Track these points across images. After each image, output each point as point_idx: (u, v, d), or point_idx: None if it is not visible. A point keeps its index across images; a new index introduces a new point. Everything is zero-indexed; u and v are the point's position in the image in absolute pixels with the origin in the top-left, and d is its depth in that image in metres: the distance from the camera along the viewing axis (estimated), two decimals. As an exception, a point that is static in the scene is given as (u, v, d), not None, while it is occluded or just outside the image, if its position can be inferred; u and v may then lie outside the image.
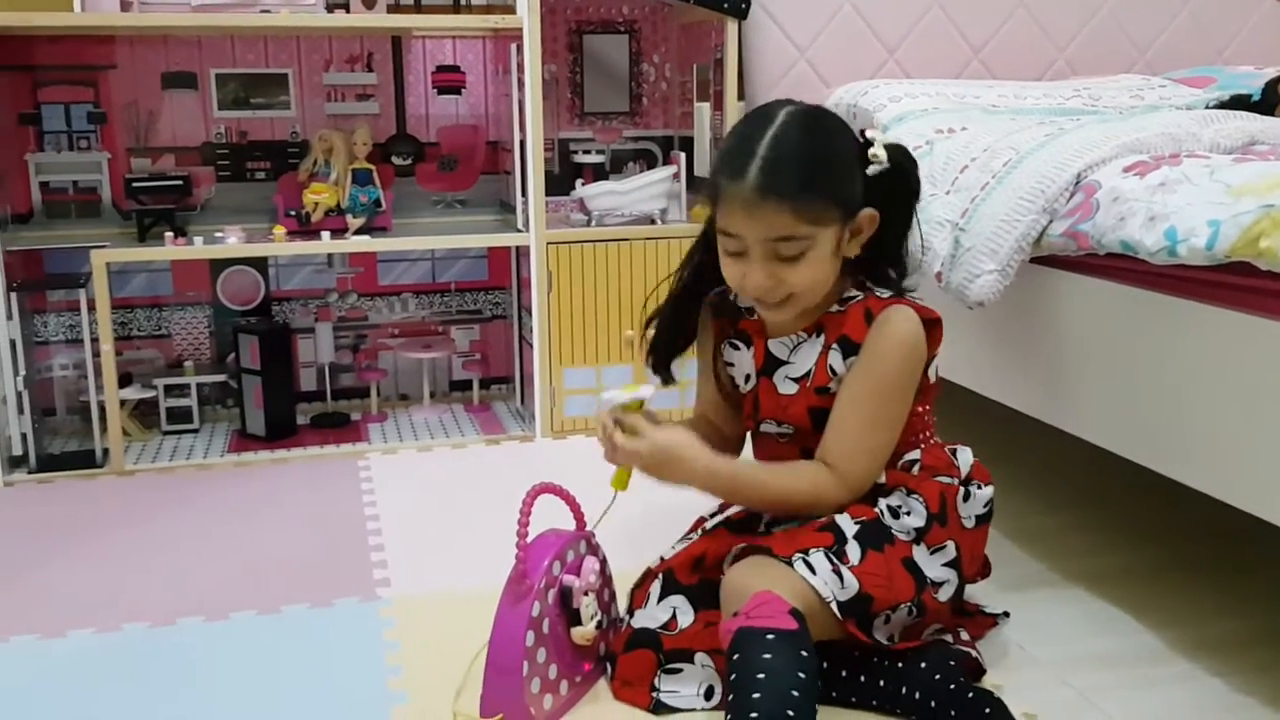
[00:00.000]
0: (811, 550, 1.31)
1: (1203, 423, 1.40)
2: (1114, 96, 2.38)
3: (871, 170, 1.39)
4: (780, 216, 1.31)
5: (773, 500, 1.43)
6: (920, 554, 1.38)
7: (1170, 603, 1.63)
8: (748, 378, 1.51)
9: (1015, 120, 2.01)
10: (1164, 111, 1.97)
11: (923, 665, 1.34)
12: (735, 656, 1.21)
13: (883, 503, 1.41)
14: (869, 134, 1.41)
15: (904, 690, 1.33)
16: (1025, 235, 1.63)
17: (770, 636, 1.20)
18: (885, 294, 1.44)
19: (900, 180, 1.43)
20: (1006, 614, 1.56)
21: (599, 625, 1.38)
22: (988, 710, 1.27)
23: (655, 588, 1.46)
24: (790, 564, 1.29)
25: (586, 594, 1.36)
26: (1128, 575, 1.73)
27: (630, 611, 1.47)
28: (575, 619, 1.35)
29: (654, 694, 1.36)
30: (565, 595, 1.35)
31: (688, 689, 1.36)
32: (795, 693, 1.17)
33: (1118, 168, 1.57)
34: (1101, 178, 1.57)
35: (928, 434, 1.49)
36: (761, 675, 1.17)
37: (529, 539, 1.34)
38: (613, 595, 1.47)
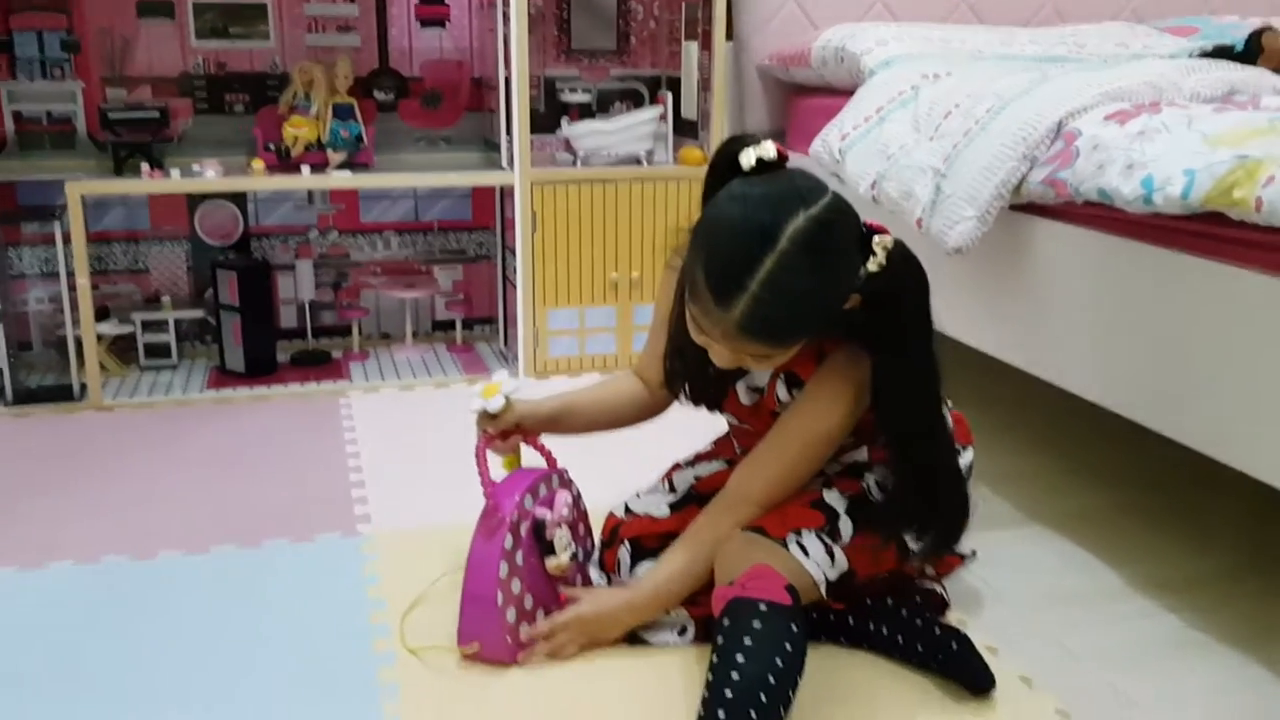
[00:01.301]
0: (804, 531, 1.32)
1: (1175, 370, 1.42)
2: (1099, 44, 2.38)
3: (865, 272, 1.22)
4: (756, 346, 1.20)
5: (704, 570, 1.35)
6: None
7: (1133, 543, 1.67)
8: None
9: (1000, 66, 2.01)
10: (1148, 60, 1.97)
11: (889, 602, 1.37)
12: (725, 623, 1.22)
13: (869, 478, 1.41)
14: (875, 241, 1.21)
15: (871, 626, 1.36)
16: (1005, 182, 1.63)
17: (763, 608, 1.21)
18: (839, 336, 1.32)
19: (893, 281, 1.23)
20: (974, 552, 1.59)
21: (573, 557, 1.41)
22: (954, 645, 1.30)
23: (624, 555, 1.47)
24: (784, 545, 1.30)
25: (560, 526, 1.38)
26: (1093, 517, 1.76)
27: (604, 573, 1.49)
28: (550, 551, 1.38)
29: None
30: (538, 528, 1.37)
31: (661, 633, 1.40)
32: (779, 661, 1.17)
33: (1099, 115, 1.58)
34: (1082, 125, 1.58)
35: None
36: (749, 642, 1.18)
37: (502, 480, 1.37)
38: (588, 529, 1.50)
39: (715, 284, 1.16)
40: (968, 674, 1.29)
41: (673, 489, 1.56)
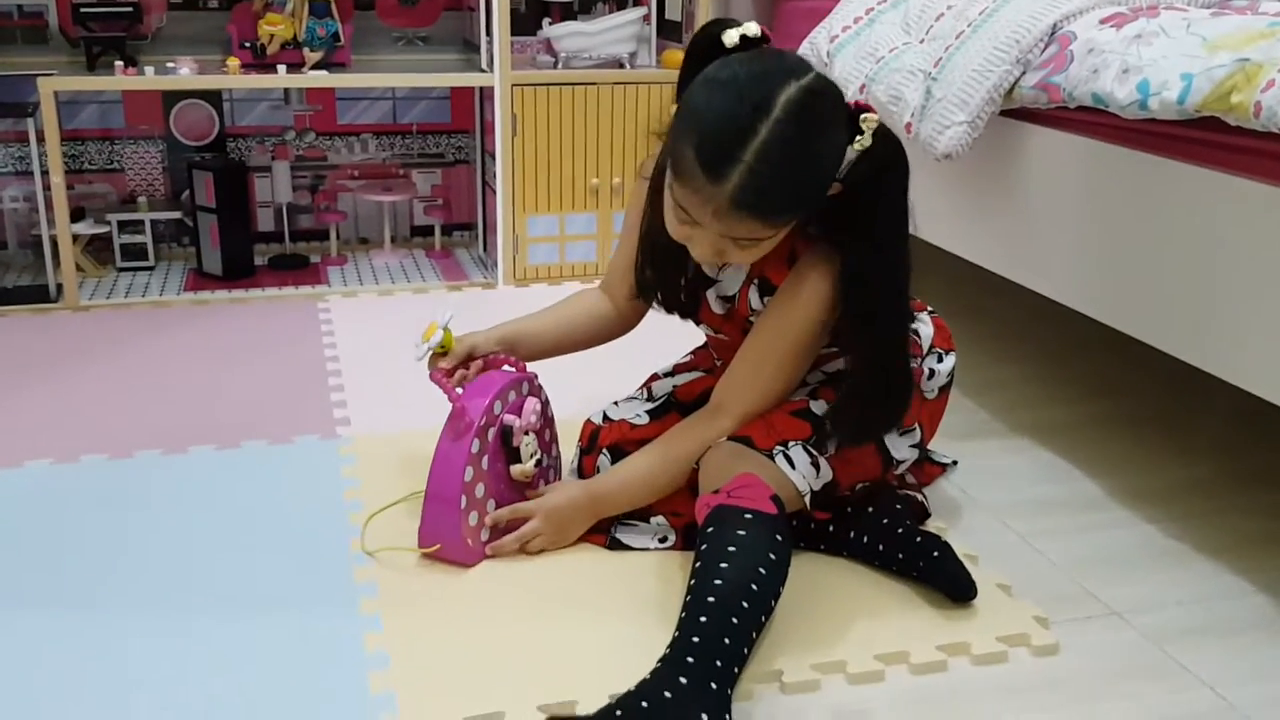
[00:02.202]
0: (791, 443, 1.31)
1: (1167, 280, 1.41)
2: (1096, -51, 2.32)
3: (851, 152, 1.21)
4: (747, 224, 1.18)
5: (671, 477, 1.36)
6: (890, 437, 1.40)
7: (1114, 454, 1.68)
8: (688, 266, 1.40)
9: (995, -32, 1.96)
10: (1146, -36, 1.93)
11: (870, 510, 1.37)
12: (709, 530, 1.21)
13: None
14: (862, 119, 1.19)
15: (852, 534, 1.36)
16: (997, 86, 1.60)
17: (748, 516, 1.21)
18: (812, 233, 1.30)
19: (875, 163, 1.21)
20: (955, 462, 1.60)
21: (538, 463, 1.40)
22: (935, 553, 1.30)
23: (604, 461, 1.46)
24: (771, 457, 1.29)
25: (527, 433, 1.37)
26: (1075, 427, 1.77)
27: (582, 476, 1.48)
28: (516, 457, 1.37)
29: (611, 531, 1.40)
30: (506, 434, 1.36)
31: (642, 538, 1.40)
32: (762, 570, 1.17)
33: (1094, 19, 1.54)
34: (1077, 29, 1.54)
35: None
36: (733, 549, 1.17)
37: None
38: (554, 436, 1.49)
39: (707, 158, 1.14)
40: (949, 581, 1.29)
41: (651, 397, 1.55)
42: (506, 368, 1.44)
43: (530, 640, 1.21)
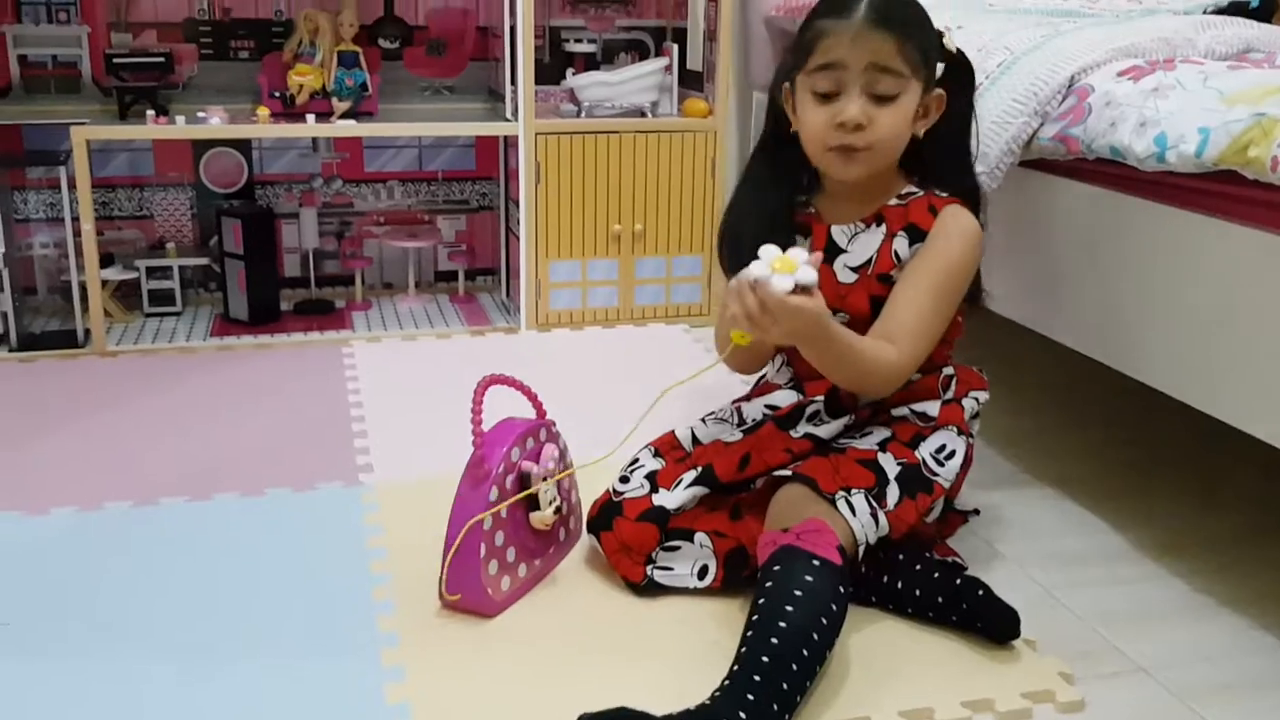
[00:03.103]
0: (854, 490, 1.32)
1: (1185, 331, 1.41)
2: (1114, -1, 2.34)
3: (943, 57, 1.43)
4: (887, 44, 1.34)
5: (852, 371, 1.35)
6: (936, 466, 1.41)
7: (1139, 505, 1.67)
8: None
9: (1012, 20, 1.98)
10: (1161, 15, 1.94)
11: (900, 556, 1.36)
12: (775, 568, 1.21)
13: (924, 449, 1.40)
14: (940, 27, 1.44)
15: (885, 579, 1.36)
16: (1016, 138, 1.61)
17: (816, 562, 1.21)
18: (943, 195, 1.46)
19: (962, 77, 1.47)
20: (976, 511, 1.59)
21: (557, 511, 1.40)
22: (980, 592, 1.30)
23: (689, 476, 1.42)
24: (834, 503, 1.30)
25: (545, 480, 1.38)
26: (1100, 477, 1.76)
27: (655, 486, 1.43)
28: (534, 504, 1.38)
29: (649, 567, 1.38)
30: (524, 481, 1.36)
31: (682, 567, 1.39)
32: (824, 620, 1.17)
33: (1112, 71, 1.55)
34: (1095, 81, 1.55)
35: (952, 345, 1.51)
36: (799, 593, 1.18)
37: (488, 427, 1.36)
38: (573, 482, 1.49)
39: (832, 7, 1.36)
40: (996, 620, 1.28)
41: (742, 421, 1.50)
42: (525, 394, 1.44)
43: (555, 693, 1.20)
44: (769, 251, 1.23)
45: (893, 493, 1.35)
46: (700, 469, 1.43)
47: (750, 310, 1.23)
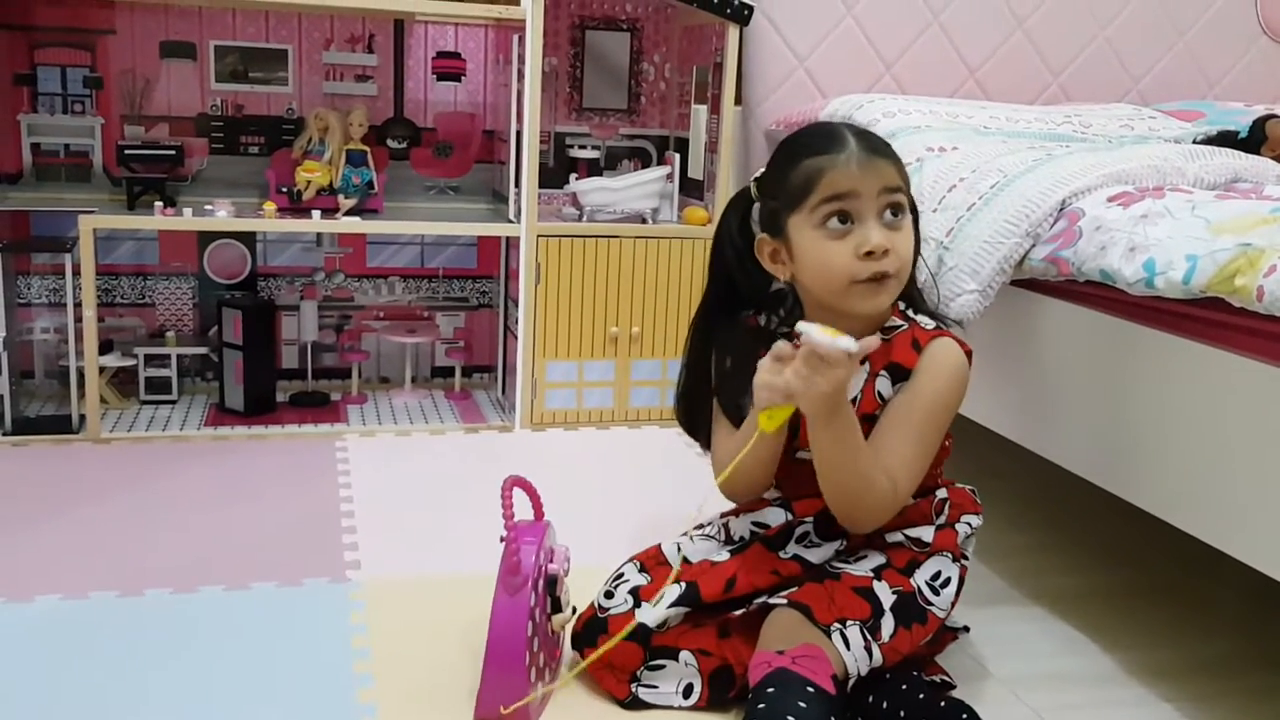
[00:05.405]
0: (849, 622, 1.31)
1: (1172, 455, 1.42)
2: (1104, 124, 2.41)
3: None
4: (888, 167, 1.37)
5: (853, 477, 1.34)
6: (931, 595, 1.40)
7: (1130, 627, 1.66)
8: None
9: (1006, 143, 2.03)
10: (1152, 143, 2.00)
11: (888, 675, 1.34)
12: (769, 690, 1.21)
13: (920, 577, 1.40)
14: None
15: (870, 699, 1.33)
16: (1008, 258, 1.65)
17: (810, 689, 1.21)
18: (929, 324, 1.45)
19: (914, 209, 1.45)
20: (966, 628, 1.58)
21: (572, 611, 1.39)
22: (964, 716, 1.27)
23: (671, 591, 1.40)
24: (828, 634, 1.29)
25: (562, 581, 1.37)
26: (1090, 598, 1.75)
27: (638, 602, 1.42)
28: (555, 607, 1.36)
29: (634, 685, 1.37)
30: (551, 584, 1.35)
31: (667, 685, 1.37)
32: None
33: (1102, 197, 1.59)
34: (1085, 205, 1.59)
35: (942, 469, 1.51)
36: (791, 718, 1.17)
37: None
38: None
39: (819, 149, 1.37)
40: None
41: (730, 539, 1.50)
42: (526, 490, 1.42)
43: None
44: (808, 325, 1.24)
45: (888, 624, 1.34)
46: (684, 586, 1.41)
47: (795, 365, 1.24)
